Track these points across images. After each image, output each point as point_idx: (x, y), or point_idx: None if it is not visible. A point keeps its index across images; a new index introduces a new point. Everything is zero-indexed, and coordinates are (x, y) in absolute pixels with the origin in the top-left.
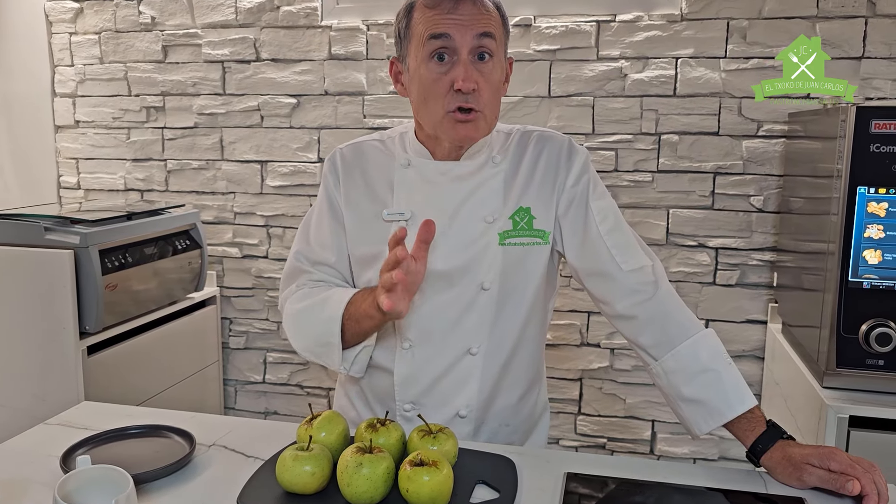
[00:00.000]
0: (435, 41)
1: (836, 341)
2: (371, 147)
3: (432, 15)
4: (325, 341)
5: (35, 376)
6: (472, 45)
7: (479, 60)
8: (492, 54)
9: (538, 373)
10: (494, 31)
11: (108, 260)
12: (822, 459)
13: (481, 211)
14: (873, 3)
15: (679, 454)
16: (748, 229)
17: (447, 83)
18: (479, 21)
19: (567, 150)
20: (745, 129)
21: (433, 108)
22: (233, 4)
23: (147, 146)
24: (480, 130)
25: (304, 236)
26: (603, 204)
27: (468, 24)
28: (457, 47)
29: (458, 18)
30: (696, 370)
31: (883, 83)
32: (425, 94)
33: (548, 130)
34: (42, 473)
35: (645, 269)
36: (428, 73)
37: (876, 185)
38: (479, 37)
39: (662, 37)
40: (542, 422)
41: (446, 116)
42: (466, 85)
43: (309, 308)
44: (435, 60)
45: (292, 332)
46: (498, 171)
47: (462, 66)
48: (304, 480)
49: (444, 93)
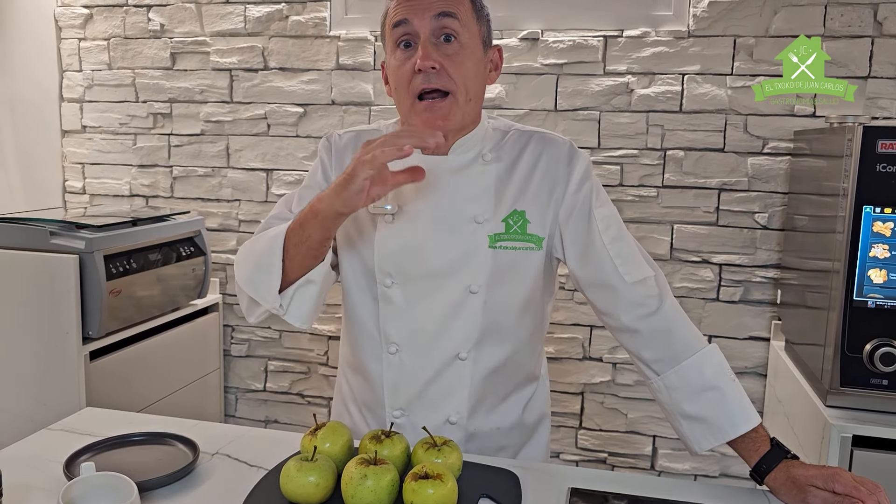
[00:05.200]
0: (397, 29)
1: (839, 360)
2: (368, 136)
3: (395, 5)
4: (266, 262)
5: (37, 381)
6: (432, 26)
7: (444, 42)
8: (456, 35)
9: (534, 379)
10: (456, 10)
11: (113, 265)
12: (827, 481)
13: (470, 210)
14: (880, 24)
15: (680, 470)
16: (752, 246)
17: (410, 68)
18: (435, 3)
19: (567, 155)
20: (750, 146)
21: (402, 97)
22: (242, 13)
23: (153, 152)
24: (453, 116)
25: (285, 204)
26: (606, 212)
27: (425, 7)
28: (417, 31)
29: (417, 3)
30: (699, 387)
31: (889, 103)
32: (395, 83)
33: (547, 132)
34: (45, 479)
35: (648, 280)
36: (394, 62)
37: (882, 205)
38: (437, 17)
39: (669, 53)
40: (539, 431)
41: (415, 104)
42: (423, 63)
43: (257, 236)
44: (401, 48)
45: (237, 264)
46: (488, 170)
47: (420, 47)
48: (307, 491)
49: (409, 78)
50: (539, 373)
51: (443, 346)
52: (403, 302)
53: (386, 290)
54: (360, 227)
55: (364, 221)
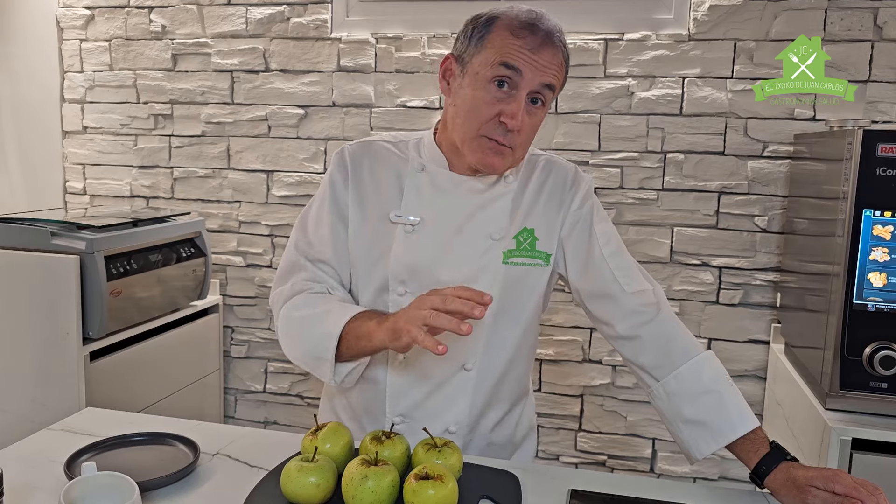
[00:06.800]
0: (505, 69)
1: (839, 363)
2: (381, 147)
3: (515, 44)
4: (319, 356)
5: (36, 381)
6: (534, 88)
7: (531, 104)
8: (545, 103)
9: (525, 390)
10: (557, 83)
11: (113, 266)
12: (827, 482)
13: (488, 227)
14: (880, 28)
15: (679, 473)
16: (752, 249)
17: (496, 111)
18: (550, 70)
19: (573, 176)
20: (750, 150)
21: (471, 125)
22: (243, 15)
23: (154, 153)
24: (505, 165)
25: (302, 229)
26: (606, 227)
27: (542, 69)
28: (520, 84)
29: (537, 60)
30: (698, 391)
31: (889, 107)
32: (471, 110)
33: (554, 156)
34: (46, 479)
35: (646, 292)
36: (484, 94)
37: (882, 208)
38: (543, 85)
39: (670, 56)
40: (527, 441)
41: (479, 138)
42: (514, 123)
43: (307, 319)
44: (495, 85)
45: (286, 340)
46: (508, 191)
47: (517, 103)
48: (308, 492)
49: (489, 119)
50: (529, 387)
51: (450, 357)
52: None
53: (398, 297)
54: (380, 239)
55: (383, 233)
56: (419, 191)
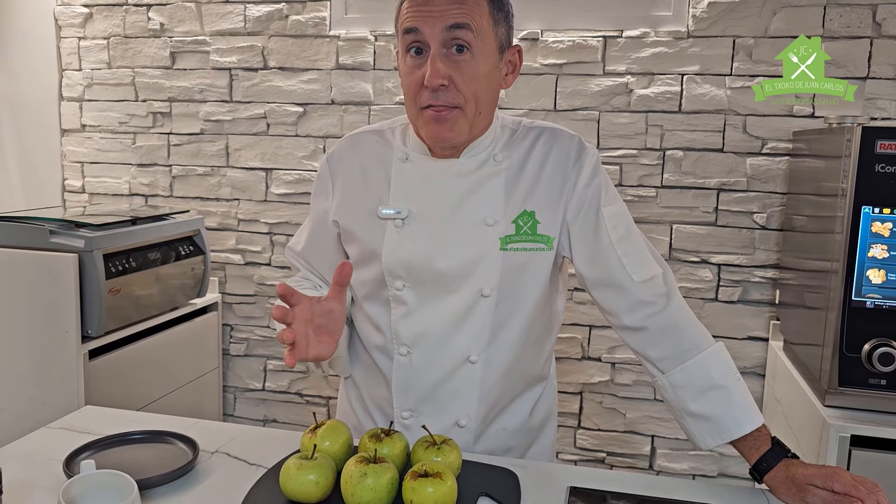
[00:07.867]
0: (408, 35)
1: (838, 360)
2: (368, 139)
3: (407, 7)
4: None
5: (36, 380)
6: (443, 37)
7: (456, 53)
8: (469, 46)
9: (542, 378)
10: (470, 20)
11: (112, 264)
12: (826, 480)
13: (481, 213)
14: (878, 24)
15: (678, 470)
16: (751, 246)
17: (418, 79)
18: (448, 13)
19: (577, 151)
20: (749, 147)
21: (410, 103)
22: (241, 13)
23: (153, 151)
24: (458, 130)
25: (299, 230)
26: (614, 209)
27: (438, 16)
28: (427, 41)
29: (429, 11)
30: (704, 386)
31: (888, 104)
32: (405, 89)
33: (557, 127)
34: (45, 477)
35: (656, 279)
36: (405, 68)
37: (880, 205)
38: (449, 29)
39: (668, 53)
40: (545, 431)
41: (420, 113)
42: (431, 81)
43: None
44: (411, 54)
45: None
46: (499, 171)
47: (429, 60)
48: (307, 489)
49: (417, 88)
50: (548, 372)
51: (454, 349)
52: (415, 305)
53: (398, 293)
54: (373, 234)
55: (375, 229)
56: (405, 182)
